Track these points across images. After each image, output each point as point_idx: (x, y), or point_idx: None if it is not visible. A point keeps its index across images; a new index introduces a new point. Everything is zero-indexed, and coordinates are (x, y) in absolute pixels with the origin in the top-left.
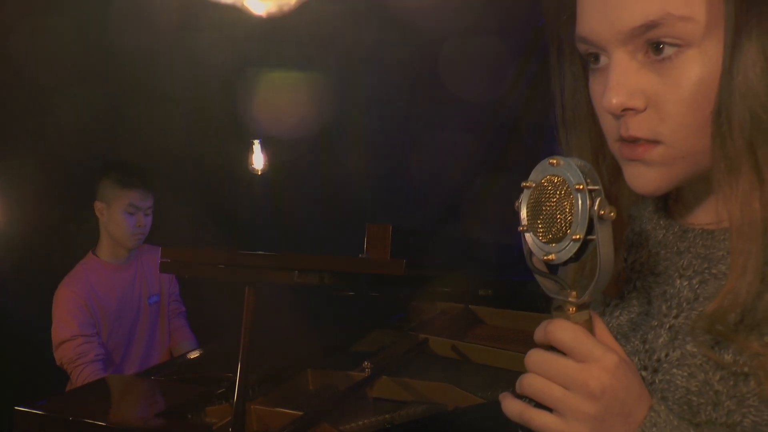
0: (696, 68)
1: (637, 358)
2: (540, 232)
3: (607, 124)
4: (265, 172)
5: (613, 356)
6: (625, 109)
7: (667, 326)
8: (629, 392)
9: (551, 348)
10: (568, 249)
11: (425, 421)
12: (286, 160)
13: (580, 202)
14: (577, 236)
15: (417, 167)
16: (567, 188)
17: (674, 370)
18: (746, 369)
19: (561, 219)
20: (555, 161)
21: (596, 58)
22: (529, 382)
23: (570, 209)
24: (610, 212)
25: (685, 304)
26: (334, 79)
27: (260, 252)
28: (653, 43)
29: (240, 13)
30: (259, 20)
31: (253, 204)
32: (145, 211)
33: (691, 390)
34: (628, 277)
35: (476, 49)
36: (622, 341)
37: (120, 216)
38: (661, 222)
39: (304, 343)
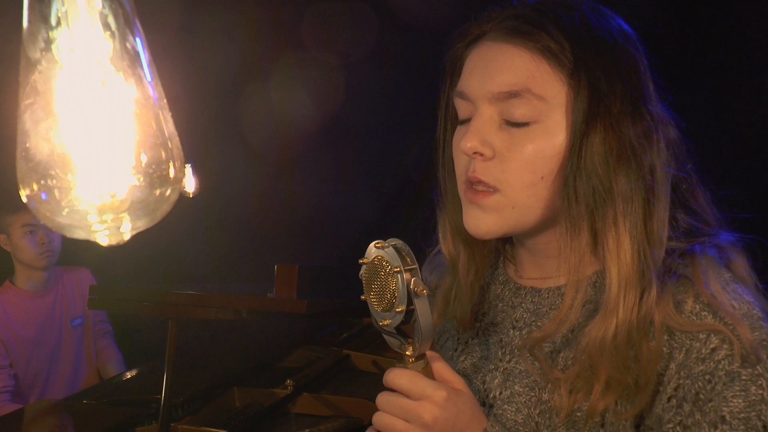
0: (538, 140)
1: (477, 396)
2: (374, 302)
3: (460, 167)
4: (196, 195)
5: (442, 392)
6: (476, 153)
7: (501, 369)
8: (459, 418)
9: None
10: (397, 318)
11: None
12: (217, 183)
13: (399, 281)
14: (401, 309)
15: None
16: (390, 268)
17: (505, 406)
18: (556, 405)
19: (388, 294)
20: (380, 244)
21: (468, 122)
22: (379, 419)
23: (393, 286)
24: (423, 289)
25: (515, 351)
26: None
27: (181, 291)
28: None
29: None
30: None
31: (185, 226)
32: (47, 226)
33: (518, 422)
34: (472, 325)
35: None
36: (467, 382)
37: (20, 240)
38: (500, 278)
39: (232, 362)
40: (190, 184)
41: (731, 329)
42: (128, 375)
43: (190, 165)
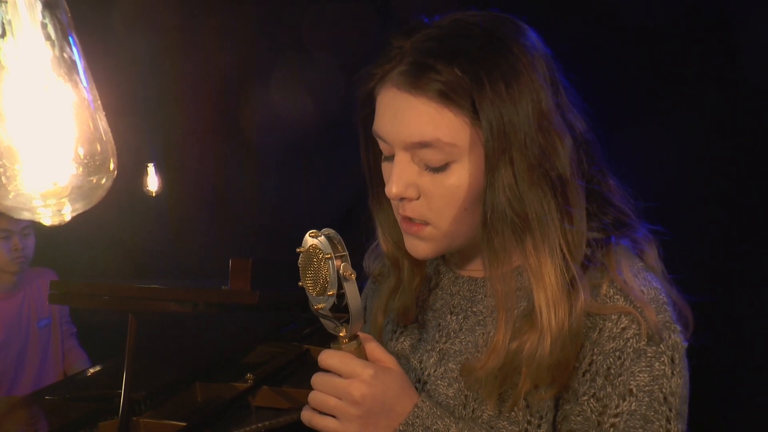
0: (455, 176)
1: (413, 374)
2: (309, 287)
3: (393, 203)
4: (159, 193)
5: (370, 370)
6: (402, 198)
7: (438, 350)
8: (387, 394)
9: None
10: (329, 301)
11: (300, 427)
12: (182, 181)
13: (330, 267)
14: (332, 292)
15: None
16: (322, 255)
17: (438, 382)
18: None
19: (321, 279)
20: (314, 233)
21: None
22: (314, 397)
23: (325, 272)
24: (351, 274)
25: (452, 333)
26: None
27: (139, 285)
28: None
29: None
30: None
31: (148, 225)
32: (22, 233)
33: (449, 395)
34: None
35: None
36: (404, 361)
37: None
38: (440, 269)
39: (194, 358)
40: (152, 182)
41: (640, 311)
42: (91, 371)
43: (153, 164)
